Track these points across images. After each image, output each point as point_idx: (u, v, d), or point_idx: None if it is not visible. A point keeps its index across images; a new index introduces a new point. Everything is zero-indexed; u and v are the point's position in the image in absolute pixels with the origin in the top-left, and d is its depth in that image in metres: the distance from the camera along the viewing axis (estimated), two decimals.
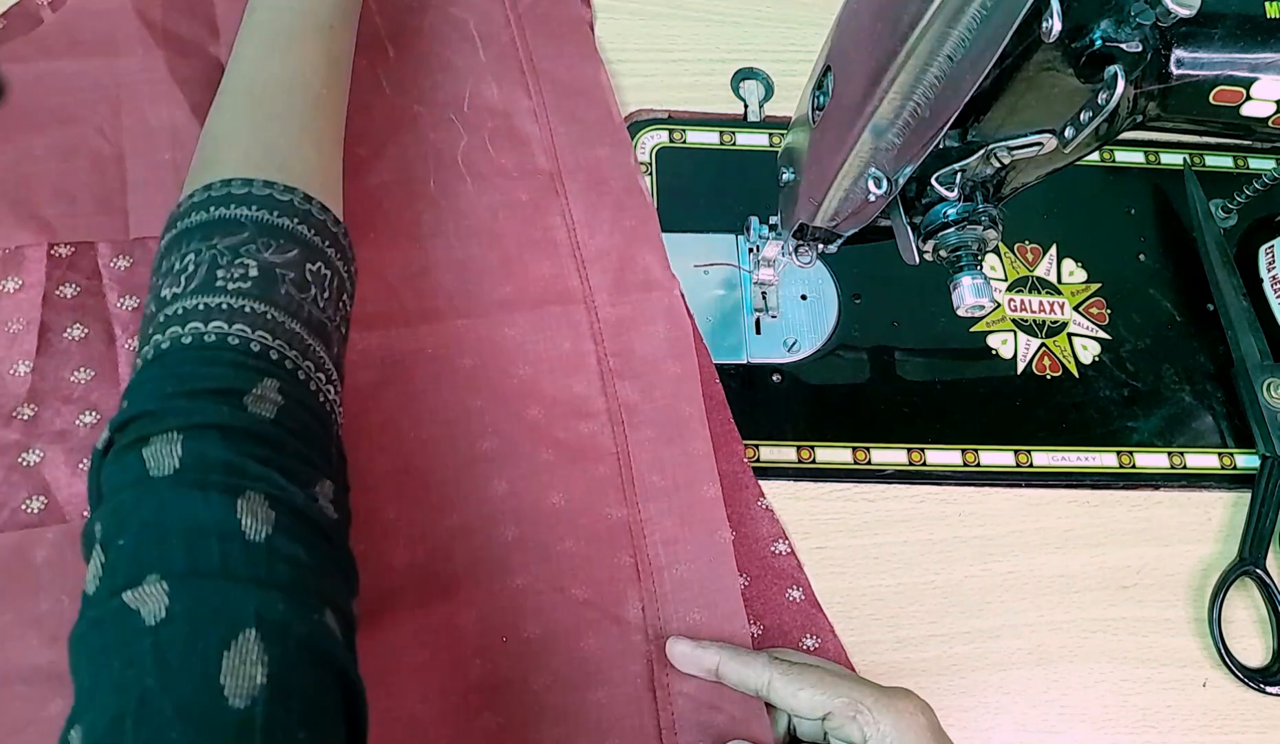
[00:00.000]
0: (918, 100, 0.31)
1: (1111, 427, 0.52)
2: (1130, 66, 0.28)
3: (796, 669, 0.39)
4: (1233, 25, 0.30)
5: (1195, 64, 0.30)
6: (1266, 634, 0.49)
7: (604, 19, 0.57)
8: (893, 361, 0.52)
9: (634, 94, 0.55)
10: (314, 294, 0.36)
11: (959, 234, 0.36)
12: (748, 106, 0.56)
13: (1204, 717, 0.47)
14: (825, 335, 0.52)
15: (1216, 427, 0.53)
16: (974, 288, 0.36)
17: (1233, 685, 0.48)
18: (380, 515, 0.44)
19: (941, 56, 0.29)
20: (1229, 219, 0.57)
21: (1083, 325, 0.54)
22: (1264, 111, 0.32)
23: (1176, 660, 0.48)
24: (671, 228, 0.52)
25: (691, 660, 0.42)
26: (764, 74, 0.57)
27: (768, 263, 0.48)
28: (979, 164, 0.34)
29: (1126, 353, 0.54)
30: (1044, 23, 0.27)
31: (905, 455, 0.50)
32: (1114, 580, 0.49)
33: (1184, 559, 0.50)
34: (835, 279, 0.53)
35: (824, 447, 0.49)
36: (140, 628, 0.27)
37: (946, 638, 0.47)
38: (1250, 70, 0.30)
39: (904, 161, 0.33)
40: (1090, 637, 0.48)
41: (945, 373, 0.52)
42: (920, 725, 0.37)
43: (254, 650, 0.27)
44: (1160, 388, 0.54)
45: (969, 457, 0.50)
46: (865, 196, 0.36)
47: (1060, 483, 0.50)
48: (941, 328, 0.53)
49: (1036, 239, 0.56)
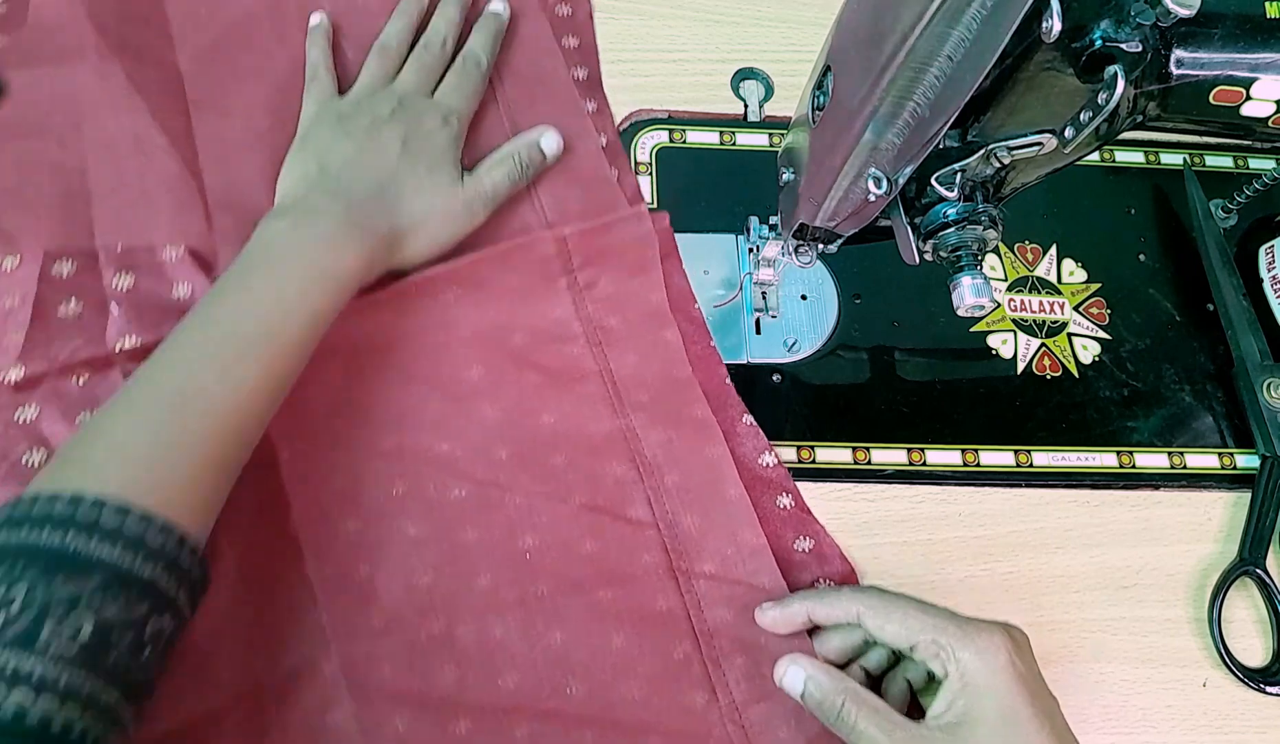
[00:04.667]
0: (918, 100, 0.31)
1: (1111, 427, 0.52)
2: (1130, 66, 0.28)
3: (883, 602, 0.39)
4: (1233, 25, 0.30)
5: (1195, 64, 0.30)
6: (1266, 634, 0.49)
7: (604, 19, 0.57)
8: (893, 362, 0.52)
9: (634, 94, 0.55)
10: (147, 655, 0.32)
11: (959, 234, 0.36)
12: (748, 106, 0.56)
13: (1204, 717, 0.47)
14: (825, 335, 0.52)
15: (1216, 427, 0.53)
16: (974, 288, 0.36)
17: (1233, 685, 0.48)
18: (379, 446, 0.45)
19: (941, 56, 0.29)
20: (1229, 219, 0.57)
21: (1083, 325, 0.54)
22: (1264, 111, 0.32)
23: (1176, 660, 0.48)
24: (671, 228, 0.52)
25: (784, 620, 0.43)
26: (764, 74, 0.57)
27: (768, 263, 0.49)
28: (979, 164, 0.34)
29: (1126, 353, 0.54)
30: (1044, 23, 0.27)
31: (905, 455, 0.50)
32: (1114, 580, 0.49)
33: (1184, 559, 0.50)
34: (835, 279, 0.53)
35: (824, 447, 0.49)
36: None
37: None
38: (1250, 70, 0.30)
39: (904, 161, 0.33)
40: (1090, 637, 0.48)
41: (945, 373, 0.52)
42: (1001, 663, 0.37)
43: None
44: (1160, 388, 0.54)
45: (969, 457, 0.50)
46: (865, 196, 0.36)
47: (1060, 483, 0.50)
48: (941, 328, 0.53)
49: (1036, 239, 0.56)
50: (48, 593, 0.30)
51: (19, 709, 0.28)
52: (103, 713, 0.30)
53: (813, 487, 0.48)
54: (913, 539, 0.48)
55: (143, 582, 0.32)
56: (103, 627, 0.30)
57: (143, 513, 0.32)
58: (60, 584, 0.30)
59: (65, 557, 0.31)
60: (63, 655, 0.29)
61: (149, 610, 0.32)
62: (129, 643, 0.31)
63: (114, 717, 0.31)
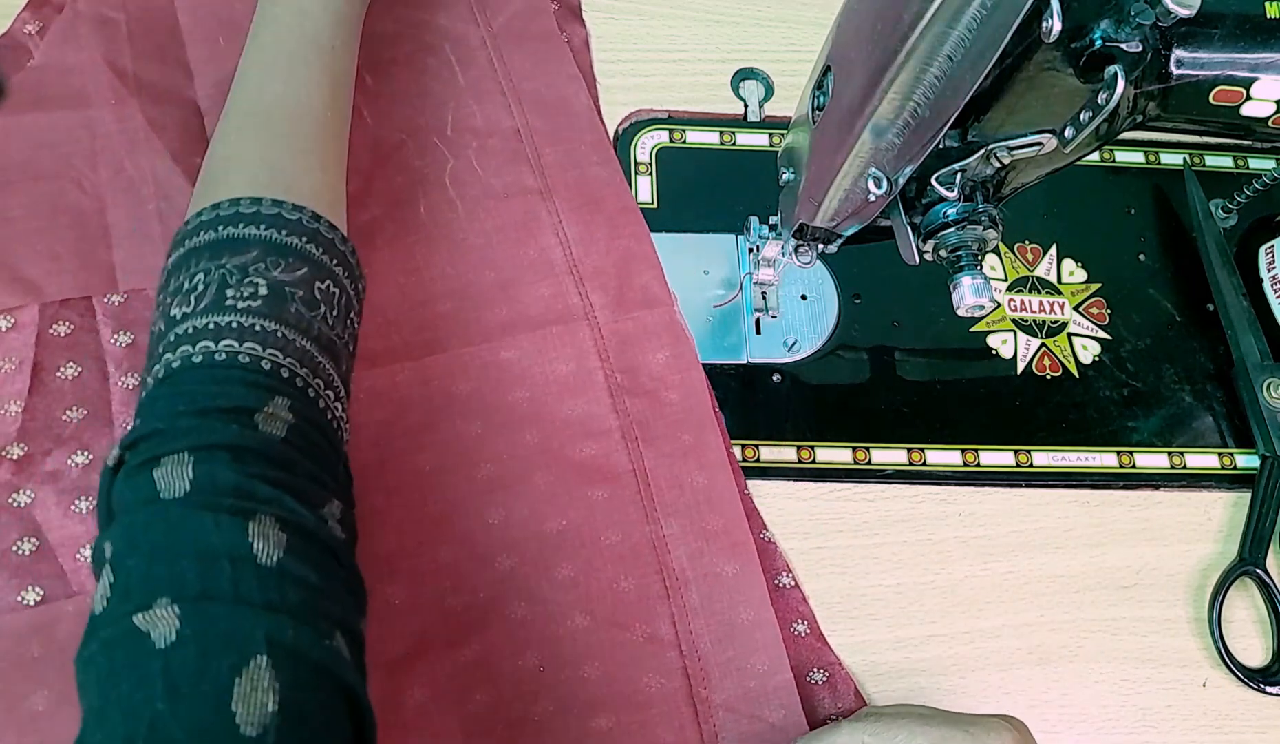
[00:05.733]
0: (918, 100, 0.31)
1: (1111, 427, 0.52)
2: (1130, 66, 0.28)
3: (886, 728, 0.38)
4: (1233, 25, 0.30)
5: (1195, 64, 0.30)
6: (1266, 634, 0.49)
7: (604, 19, 0.57)
8: (893, 362, 0.52)
9: (634, 94, 0.55)
10: (323, 311, 0.36)
11: (959, 234, 0.36)
12: (748, 106, 0.56)
13: (1204, 717, 0.47)
14: (825, 335, 0.52)
15: (1216, 427, 0.53)
16: (974, 288, 0.36)
17: (1233, 685, 0.48)
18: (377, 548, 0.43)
19: (941, 56, 0.29)
20: (1229, 219, 0.57)
21: (1083, 325, 0.54)
22: (1264, 111, 0.32)
23: (1176, 660, 0.48)
24: (671, 228, 0.52)
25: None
26: (764, 74, 0.57)
27: (768, 263, 0.48)
28: (979, 164, 0.34)
29: (1126, 353, 0.54)
30: (1044, 23, 0.27)
31: (905, 455, 0.50)
32: (1114, 580, 0.49)
33: (1184, 559, 0.50)
34: (835, 279, 0.53)
35: (824, 447, 0.49)
36: (151, 651, 0.26)
37: (946, 638, 0.47)
38: (1250, 70, 0.30)
39: (904, 161, 0.33)
40: (1090, 637, 0.48)
41: (945, 373, 0.52)
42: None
43: (265, 677, 0.27)
44: (1160, 388, 0.54)
45: (969, 457, 0.50)
46: (865, 196, 0.36)
47: (1060, 483, 0.50)
48: (941, 328, 0.53)
49: (1036, 239, 0.56)
50: (220, 269, 0.34)
51: (230, 352, 0.33)
52: (302, 357, 0.34)
53: (813, 487, 0.48)
54: (913, 539, 0.48)
55: (294, 248, 0.36)
56: (275, 285, 0.35)
57: (272, 199, 0.36)
58: (229, 259, 0.35)
59: (224, 242, 0.35)
60: (250, 309, 0.34)
61: (309, 273, 0.36)
62: (303, 298, 0.35)
63: (314, 364, 0.35)
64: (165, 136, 0.48)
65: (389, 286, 0.48)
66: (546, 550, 0.44)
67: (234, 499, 0.30)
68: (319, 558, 0.31)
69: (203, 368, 0.32)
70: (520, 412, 0.47)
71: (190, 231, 0.36)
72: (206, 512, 0.29)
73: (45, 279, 0.46)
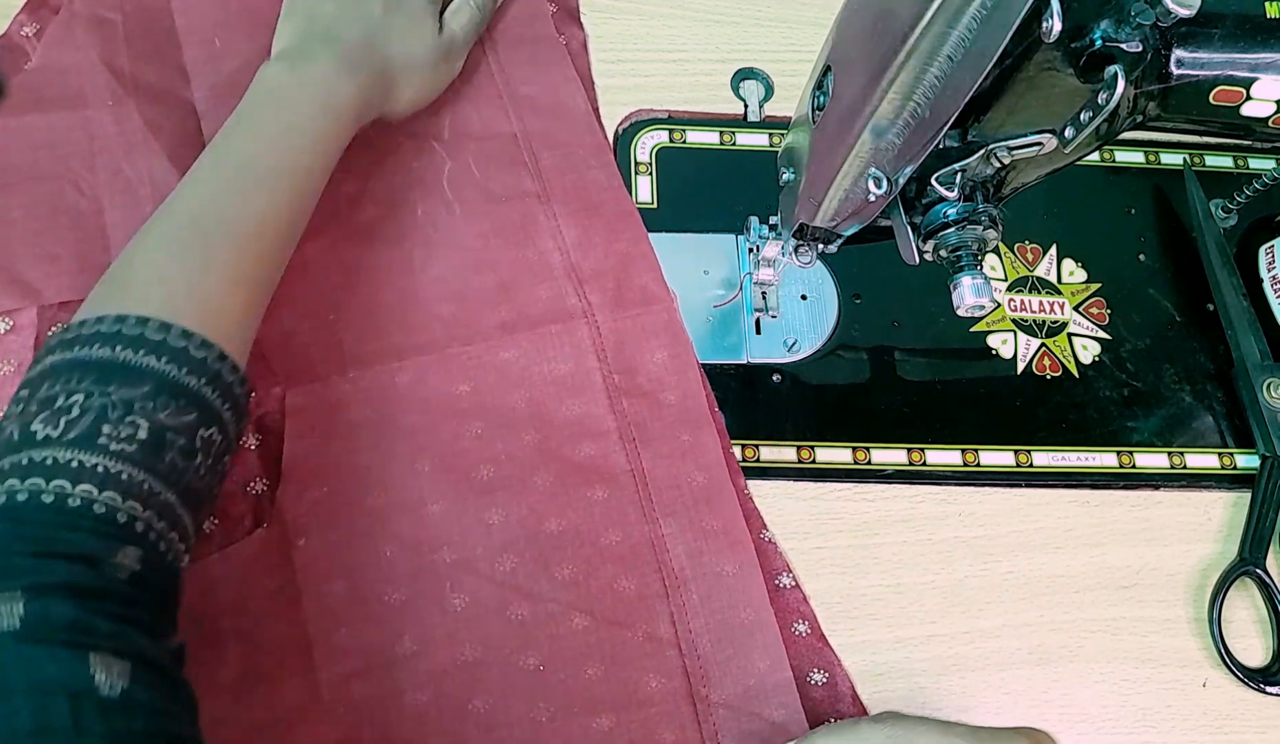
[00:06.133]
0: (918, 100, 0.31)
1: (1111, 427, 0.52)
2: (1130, 66, 0.28)
3: (905, 732, 0.36)
4: (1233, 25, 0.30)
5: (1195, 64, 0.30)
6: (1266, 634, 0.49)
7: (604, 19, 0.57)
8: (893, 362, 0.52)
9: (634, 94, 0.55)
10: (198, 462, 0.34)
11: (959, 234, 0.36)
12: (748, 106, 0.56)
13: (1204, 717, 0.47)
14: (825, 335, 0.52)
15: (1216, 426, 0.53)
16: (974, 288, 0.36)
17: (1233, 685, 0.48)
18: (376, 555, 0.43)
19: (941, 56, 0.29)
20: (1229, 219, 0.57)
21: (1083, 325, 0.54)
22: (1264, 111, 0.32)
23: (1176, 660, 0.48)
24: (671, 228, 0.52)
25: None
26: (764, 74, 0.57)
27: (768, 263, 0.48)
28: (979, 164, 0.34)
29: (1126, 353, 0.54)
30: (1044, 23, 0.27)
31: (905, 455, 0.50)
32: (1114, 580, 0.49)
33: (1184, 559, 0.50)
34: (835, 279, 0.53)
35: (824, 447, 0.49)
36: None
37: (946, 638, 0.47)
38: (1250, 70, 0.30)
39: (904, 161, 0.33)
40: (1090, 637, 0.48)
41: (945, 373, 0.52)
42: None
43: None
44: (1160, 388, 0.54)
45: (969, 457, 0.50)
46: (865, 196, 0.36)
47: (1060, 483, 0.50)
48: (941, 328, 0.53)
49: (1036, 239, 0.56)
50: (104, 398, 0.32)
51: (86, 499, 0.30)
52: (163, 511, 0.32)
53: (813, 487, 0.48)
54: (913, 539, 0.48)
55: (189, 391, 0.34)
56: (157, 429, 0.32)
57: (183, 329, 0.34)
58: (115, 390, 0.32)
59: (116, 366, 0.33)
60: (122, 453, 0.31)
61: (197, 420, 0.34)
62: (182, 448, 0.33)
63: (173, 518, 0.33)
64: (162, 137, 0.48)
65: (388, 288, 0.48)
66: (546, 550, 0.44)
67: (70, 633, 0.28)
68: (161, 683, 0.30)
69: (51, 510, 0.30)
70: (519, 412, 0.47)
71: (86, 338, 0.33)
72: (41, 645, 0.28)
73: (44, 281, 0.46)
